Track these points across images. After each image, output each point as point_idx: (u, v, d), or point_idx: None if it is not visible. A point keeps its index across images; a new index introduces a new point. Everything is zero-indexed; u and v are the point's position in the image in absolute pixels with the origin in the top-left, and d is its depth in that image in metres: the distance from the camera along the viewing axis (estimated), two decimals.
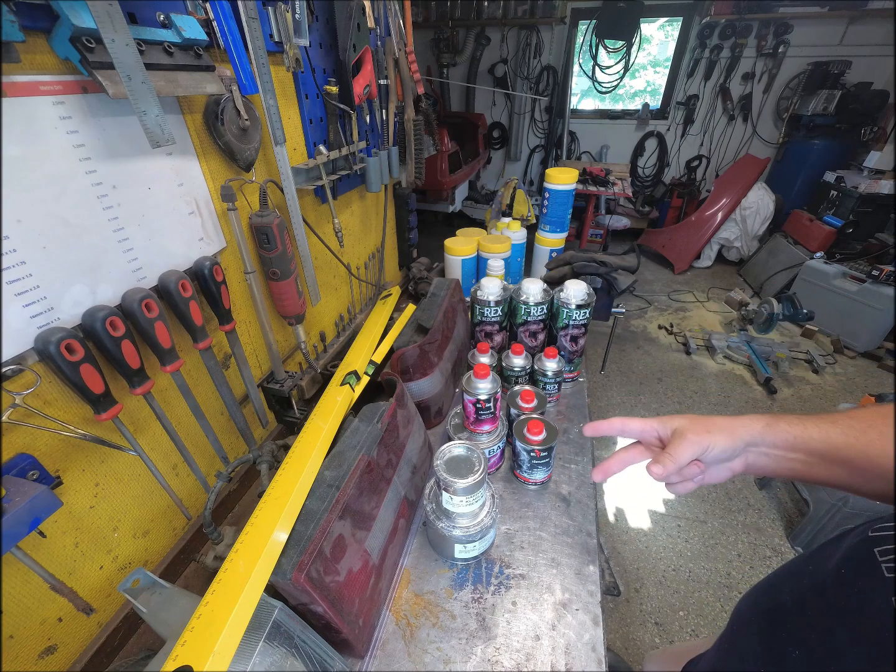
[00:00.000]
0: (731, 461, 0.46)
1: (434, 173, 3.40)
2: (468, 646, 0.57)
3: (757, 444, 0.45)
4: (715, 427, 0.45)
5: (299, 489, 0.54)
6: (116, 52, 0.43)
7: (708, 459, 0.45)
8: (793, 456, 0.44)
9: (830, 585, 0.36)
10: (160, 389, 0.63)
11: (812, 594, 0.38)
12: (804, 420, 0.44)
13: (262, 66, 0.64)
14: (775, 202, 3.56)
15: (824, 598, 0.36)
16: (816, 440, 0.43)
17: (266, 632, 0.43)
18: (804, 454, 0.43)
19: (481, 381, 0.74)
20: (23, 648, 0.50)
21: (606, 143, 4.40)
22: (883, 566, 0.32)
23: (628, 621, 1.45)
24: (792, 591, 0.41)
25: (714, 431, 0.45)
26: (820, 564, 0.39)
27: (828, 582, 0.37)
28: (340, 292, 1.11)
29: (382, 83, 1.01)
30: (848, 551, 0.36)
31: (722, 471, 0.47)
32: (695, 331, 2.96)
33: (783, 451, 0.44)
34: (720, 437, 0.44)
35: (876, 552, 0.33)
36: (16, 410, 0.44)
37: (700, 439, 0.44)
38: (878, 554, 0.33)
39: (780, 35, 3.50)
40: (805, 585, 0.40)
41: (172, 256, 0.61)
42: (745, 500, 1.86)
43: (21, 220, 0.43)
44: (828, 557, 0.38)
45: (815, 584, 0.38)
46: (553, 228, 1.48)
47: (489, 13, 4.00)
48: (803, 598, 0.39)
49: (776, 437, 0.44)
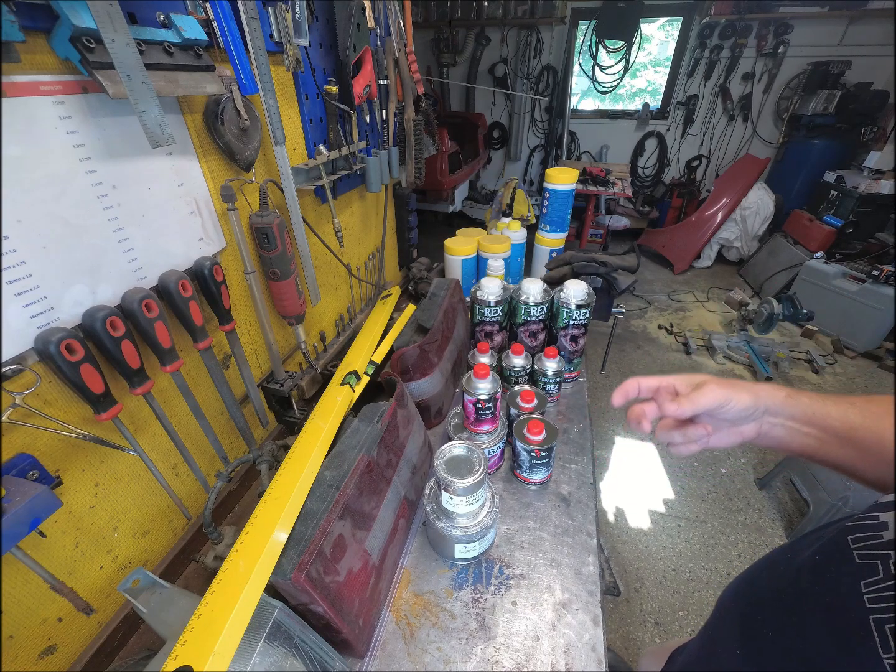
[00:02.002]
0: (745, 424, 0.46)
1: (434, 173, 3.40)
2: (468, 646, 0.57)
3: (776, 414, 0.45)
4: (738, 385, 0.45)
5: (299, 489, 0.54)
6: (116, 52, 0.43)
7: (726, 414, 0.45)
8: (807, 430, 0.44)
9: (806, 573, 0.37)
10: (160, 389, 0.63)
11: (788, 581, 0.39)
12: (824, 397, 0.44)
13: (262, 66, 0.64)
14: (775, 202, 3.56)
15: (799, 584, 0.37)
16: (834, 417, 0.43)
17: (266, 632, 0.43)
18: (820, 430, 0.44)
19: (481, 381, 0.74)
20: (23, 648, 0.50)
21: (606, 143, 4.41)
22: (855, 552, 0.33)
23: (628, 621, 1.45)
24: (770, 580, 0.41)
25: (737, 388, 0.44)
26: (798, 553, 0.40)
27: (803, 569, 0.37)
28: (340, 292, 1.11)
29: (382, 83, 1.01)
30: (825, 541, 0.37)
31: (732, 435, 0.47)
32: (695, 331, 2.96)
33: (800, 423, 0.44)
34: (743, 394, 0.44)
35: (849, 540, 0.34)
36: (16, 410, 0.44)
37: (723, 391, 0.44)
38: (851, 542, 0.34)
39: (780, 35, 3.50)
40: (782, 573, 0.40)
41: (172, 256, 0.61)
42: (745, 500, 1.86)
43: (21, 220, 0.43)
44: (806, 547, 0.39)
45: (792, 572, 0.39)
46: (553, 228, 1.48)
47: (489, 13, 3.99)
48: (781, 585, 0.39)
49: (796, 408, 0.44)
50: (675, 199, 4.14)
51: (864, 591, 0.31)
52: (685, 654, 0.57)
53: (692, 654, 0.53)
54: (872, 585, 0.30)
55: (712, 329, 3.00)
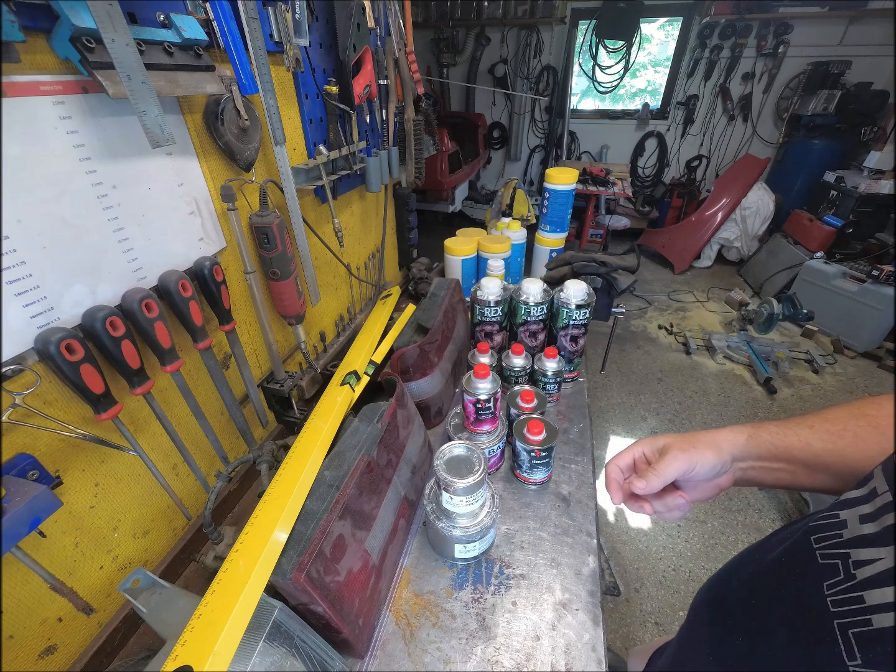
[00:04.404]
0: (719, 477, 0.46)
1: (434, 173, 3.40)
2: (468, 646, 0.57)
3: (743, 458, 0.45)
4: (700, 443, 0.45)
5: (299, 489, 0.54)
6: (116, 52, 0.43)
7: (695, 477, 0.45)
8: (777, 465, 0.44)
9: (771, 574, 0.37)
10: (160, 389, 0.63)
11: (755, 583, 0.38)
12: (784, 428, 0.44)
13: (262, 66, 0.64)
14: (775, 202, 3.56)
15: (765, 586, 0.37)
16: (797, 448, 0.43)
17: (266, 632, 0.43)
18: (787, 463, 0.44)
19: (481, 381, 0.74)
20: (23, 648, 0.50)
21: (606, 143, 4.41)
22: (818, 553, 0.32)
23: (628, 621, 1.45)
24: (739, 581, 0.41)
25: (700, 447, 0.44)
26: (765, 554, 0.39)
27: (769, 570, 0.37)
28: (340, 292, 1.11)
29: (382, 83, 1.01)
30: (789, 542, 0.36)
31: (710, 489, 0.47)
32: (695, 331, 2.96)
33: (768, 461, 0.44)
34: (706, 452, 0.44)
35: (812, 540, 0.33)
36: (16, 410, 0.44)
37: (686, 455, 0.44)
38: (814, 542, 0.33)
39: (780, 35, 3.50)
40: (750, 576, 0.40)
41: (172, 256, 0.61)
42: (745, 500, 1.86)
43: (21, 220, 0.43)
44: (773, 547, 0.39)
45: (758, 573, 0.39)
46: (553, 228, 1.48)
47: (489, 13, 3.99)
48: (748, 588, 0.39)
49: (760, 448, 0.44)
50: (675, 199, 4.14)
51: (826, 593, 0.30)
52: (663, 657, 0.57)
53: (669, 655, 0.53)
54: (835, 587, 0.30)
55: (712, 329, 3.00)
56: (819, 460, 0.42)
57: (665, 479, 0.44)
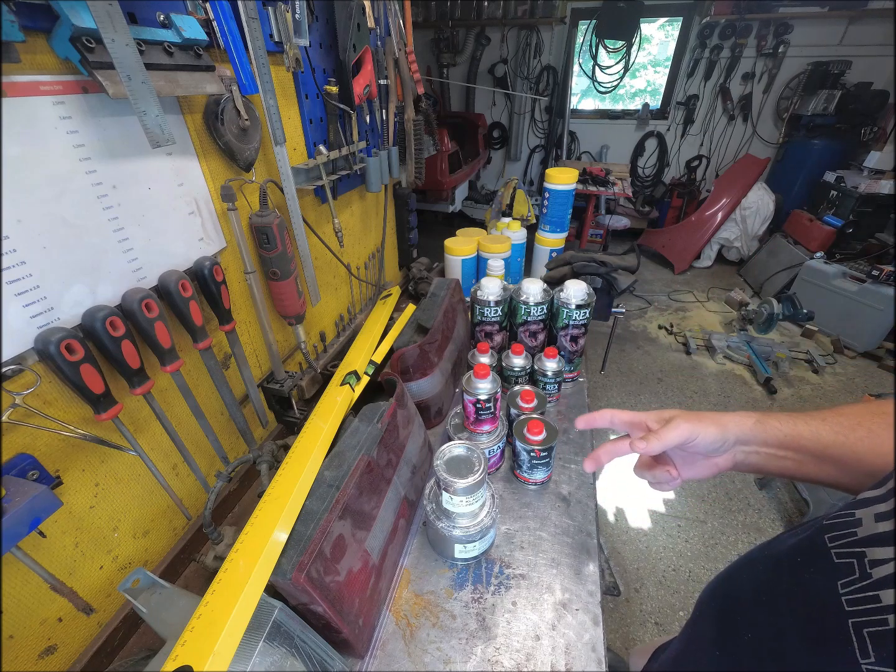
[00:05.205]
0: (718, 456, 0.46)
1: (434, 173, 3.40)
2: (468, 646, 0.57)
3: (747, 442, 0.45)
4: (706, 418, 0.45)
5: (299, 489, 0.54)
6: (116, 52, 0.43)
7: (695, 448, 0.45)
8: (783, 454, 0.44)
9: (783, 571, 0.36)
10: (160, 389, 0.63)
11: (766, 580, 0.38)
12: (794, 418, 0.44)
13: (262, 66, 0.64)
14: (775, 202, 3.56)
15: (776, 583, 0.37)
16: (806, 438, 0.43)
17: (266, 632, 0.43)
18: (794, 452, 0.43)
19: (481, 381, 0.74)
20: (23, 648, 0.50)
21: (606, 143, 4.41)
22: (832, 552, 0.32)
23: (628, 621, 1.45)
24: (749, 579, 0.41)
25: (705, 421, 0.45)
26: (777, 552, 0.39)
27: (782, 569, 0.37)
28: (340, 292, 1.11)
29: (382, 83, 1.01)
30: (803, 540, 0.36)
31: (707, 467, 0.47)
32: (695, 331, 2.96)
33: (773, 448, 0.44)
34: (710, 427, 0.44)
35: (826, 538, 0.33)
36: (16, 410, 0.44)
37: (689, 425, 0.44)
38: (829, 540, 0.33)
39: (780, 35, 3.50)
40: (761, 572, 0.40)
41: (172, 256, 0.61)
42: (745, 500, 1.86)
43: (21, 220, 0.43)
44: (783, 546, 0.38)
45: (769, 570, 0.38)
46: (553, 228, 1.48)
47: (489, 13, 3.99)
48: (759, 585, 0.39)
49: (767, 434, 0.44)
50: (675, 199, 4.14)
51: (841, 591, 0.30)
52: (666, 653, 0.57)
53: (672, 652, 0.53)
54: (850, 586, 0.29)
55: (712, 329, 3.00)
56: (828, 452, 0.41)
57: (666, 443, 0.44)
